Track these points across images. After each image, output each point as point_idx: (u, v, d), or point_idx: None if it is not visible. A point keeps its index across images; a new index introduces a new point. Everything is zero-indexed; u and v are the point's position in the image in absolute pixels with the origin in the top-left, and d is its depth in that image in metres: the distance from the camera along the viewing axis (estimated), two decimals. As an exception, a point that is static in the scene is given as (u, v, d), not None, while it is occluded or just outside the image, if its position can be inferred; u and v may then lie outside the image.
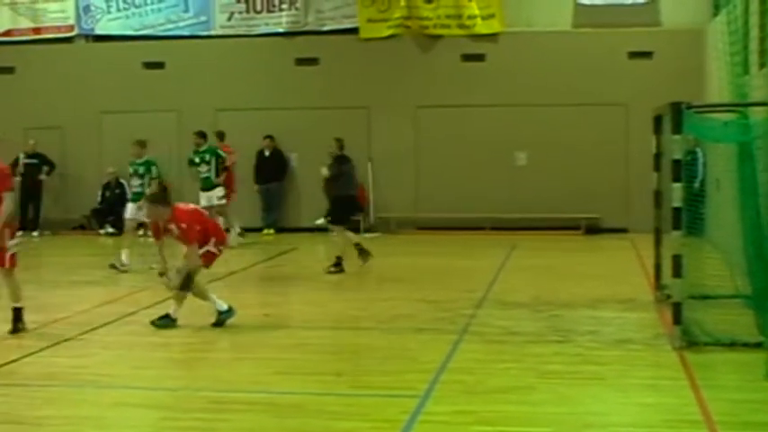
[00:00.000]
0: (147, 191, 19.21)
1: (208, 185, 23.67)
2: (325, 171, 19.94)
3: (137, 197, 20.43)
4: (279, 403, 9.44)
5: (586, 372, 10.57)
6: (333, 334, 13.19)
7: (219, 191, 23.66)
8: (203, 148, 23.85)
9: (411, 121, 26.89)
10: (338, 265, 19.26)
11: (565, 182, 25.86)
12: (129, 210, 20.11)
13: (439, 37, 27.02)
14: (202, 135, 23.89)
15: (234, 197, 24.81)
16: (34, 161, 27.51)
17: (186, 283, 13.38)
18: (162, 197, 13.69)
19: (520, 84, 26.36)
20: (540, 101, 26.17)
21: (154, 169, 20.87)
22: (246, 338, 12.87)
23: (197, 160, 23.83)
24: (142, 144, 21.30)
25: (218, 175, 23.65)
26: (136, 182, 20.91)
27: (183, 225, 13.17)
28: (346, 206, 20.30)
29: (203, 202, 22.74)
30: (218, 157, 23.85)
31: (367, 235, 25.72)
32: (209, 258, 13.55)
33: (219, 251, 13.72)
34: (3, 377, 10.69)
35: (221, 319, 13.39)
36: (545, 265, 20.19)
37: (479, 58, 26.83)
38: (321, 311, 14.93)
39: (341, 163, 20.07)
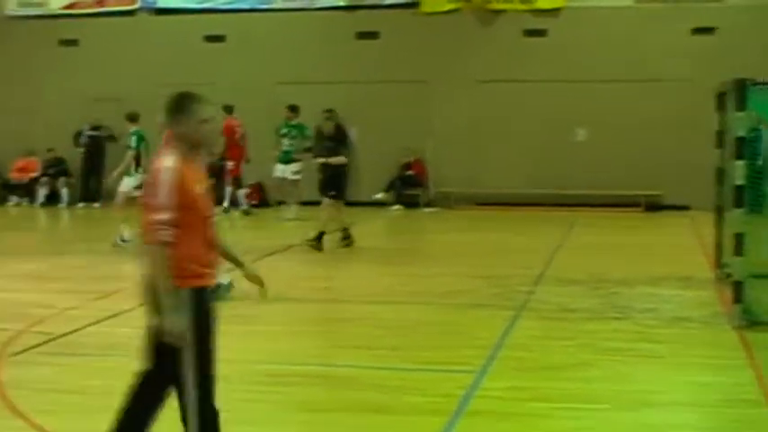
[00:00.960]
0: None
1: (287, 159, 24.52)
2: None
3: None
4: (336, 376, 9.48)
5: (644, 349, 10.51)
6: (390, 308, 13.19)
7: (296, 166, 24.38)
8: (293, 122, 24.51)
9: (470, 95, 26.79)
10: (347, 239, 19.22)
11: (625, 158, 25.67)
12: (125, 183, 19.71)
13: (500, 11, 26.90)
14: (293, 109, 24.52)
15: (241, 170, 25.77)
16: (97, 133, 27.72)
17: None
18: None
19: (581, 59, 26.19)
20: (601, 77, 25.98)
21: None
22: (304, 312, 12.93)
23: (284, 131, 24.59)
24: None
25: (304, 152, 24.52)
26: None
27: None
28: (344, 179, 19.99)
29: (278, 174, 24.29)
30: (303, 134, 24.61)
31: (426, 210, 25.75)
32: None
33: None
34: (65, 347, 10.81)
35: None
36: (604, 242, 20.11)
37: (541, 33, 26.68)
38: (379, 285, 14.95)
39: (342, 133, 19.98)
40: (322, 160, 18.98)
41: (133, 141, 19.17)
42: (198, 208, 6.14)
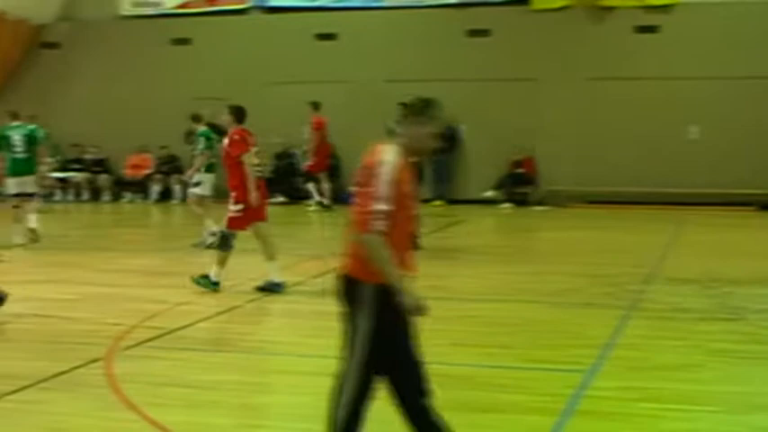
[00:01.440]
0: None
1: None
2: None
3: None
4: (447, 374, 9.45)
5: (758, 351, 10.34)
6: (500, 306, 13.14)
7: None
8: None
9: (581, 93, 26.58)
10: None
11: (739, 157, 25.26)
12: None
13: (612, 8, 26.65)
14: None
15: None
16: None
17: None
18: None
19: (694, 56, 25.84)
20: (714, 73, 25.60)
21: None
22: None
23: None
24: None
25: None
26: None
27: None
28: None
29: None
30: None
31: (537, 208, 25.62)
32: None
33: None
34: (176, 341, 10.95)
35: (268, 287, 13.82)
36: (716, 240, 19.83)
37: (653, 29, 26.36)
38: (489, 284, 14.90)
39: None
40: None
41: (201, 143, 19.43)
42: (407, 206, 6.31)
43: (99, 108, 28.55)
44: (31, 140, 19.31)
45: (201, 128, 19.65)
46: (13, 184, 19.28)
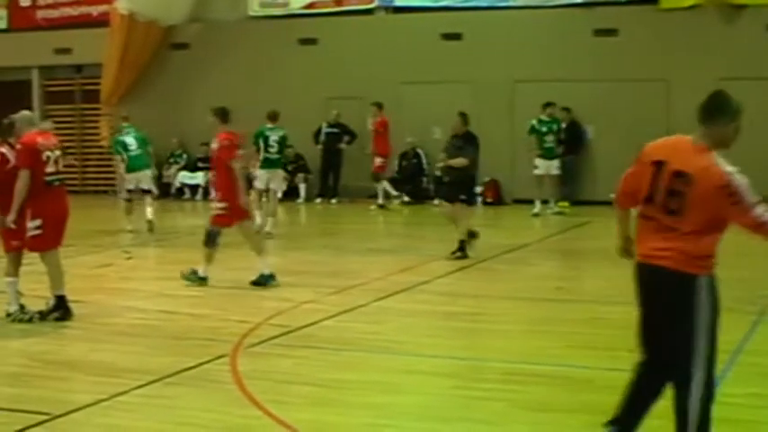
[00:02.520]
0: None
1: (550, 154, 25.05)
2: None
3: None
4: (570, 377, 9.39)
5: None
6: (626, 309, 12.90)
7: (558, 162, 25.08)
8: (551, 118, 25.23)
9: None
10: (462, 251, 17.14)
11: None
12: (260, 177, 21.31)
13: (743, 6, 26.15)
14: (551, 105, 25.29)
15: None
16: (335, 131, 28.23)
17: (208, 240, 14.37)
18: None
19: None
20: None
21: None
22: (538, 311, 12.85)
23: (544, 129, 25.06)
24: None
25: (558, 146, 25.34)
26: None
27: None
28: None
29: (541, 171, 24.93)
30: (559, 128, 25.39)
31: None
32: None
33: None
34: (300, 339, 11.03)
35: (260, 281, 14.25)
36: None
37: (786, 28, 25.84)
38: (615, 286, 14.66)
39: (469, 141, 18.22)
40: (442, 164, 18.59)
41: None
42: None
43: (229, 107, 28.82)
44: (143, 141, 21.65)
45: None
46: (129, 180, 21.51)
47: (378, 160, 26.72)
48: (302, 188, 28.75)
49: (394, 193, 27.42)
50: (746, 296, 13.42)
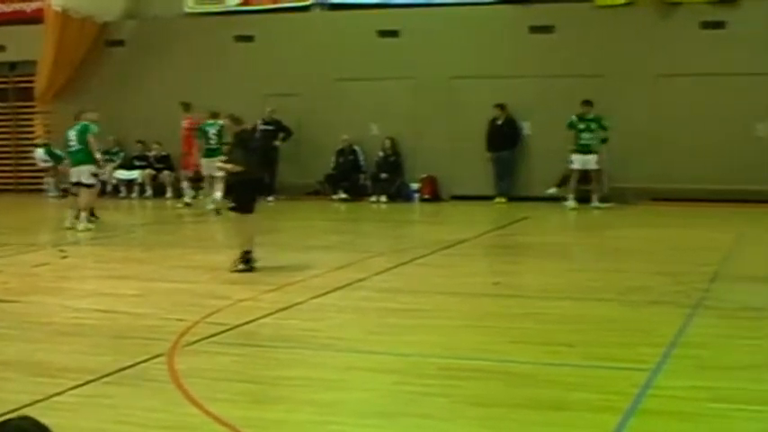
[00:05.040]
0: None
1: (586, 149, 25.48)
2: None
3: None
4: (510, 372, 9.43)
5: (831, 350, 10.22)
6: (564, 304, 13.06)
7: (595, 157, 25.46)
8: (590, 116, 25.54)
9: (647, 90, 26.34)
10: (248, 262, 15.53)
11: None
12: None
13: (677, 3, 26.38)
14: (589, 103, 25.54)
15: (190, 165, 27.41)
16: (270, 128, 28.10)
17: None
18: None
19: (761, 51, 25.49)
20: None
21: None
22: (477, 306, 12.90)
23: (582, 126, 25.57)
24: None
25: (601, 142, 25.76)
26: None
27: None
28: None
29: (577, 165, 25.44)
30: (601, 125, 25.53)
31: (601, 205, 25.45)
32: None
33: None
34: (239, 337, 11.00)
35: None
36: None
37: (719, 25, 26.05)
38: (552, 281, 14.81)
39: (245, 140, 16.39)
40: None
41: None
42: None
43: (163, 105, 28.66)
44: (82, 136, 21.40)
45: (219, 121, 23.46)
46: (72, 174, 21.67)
47: (189, 158, 27.29)
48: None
49: (190, 192, 27.51)
50: (681, 289, 13.56)
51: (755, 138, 25.67)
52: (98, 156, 21.53)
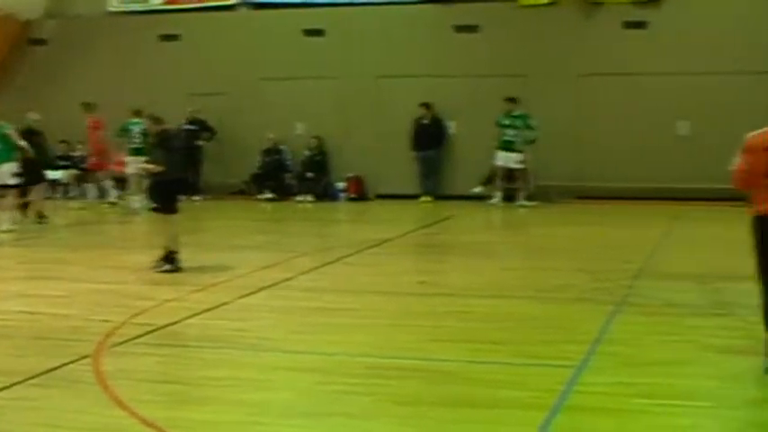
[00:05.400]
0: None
1: (510, 147, 25.85)
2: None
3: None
4: (434, 370, 9.46)
5: (748, 346, 10.31)
6: (489, 302, 13.13)
7: (519, 156, 25.69)
8: (516, 113, 25.77)
9: (571, 89, 26.58)
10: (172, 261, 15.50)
11: (729, 152, 25.07)
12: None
13: (600, 3, 26.62)
14: (513, 100, 25.86)
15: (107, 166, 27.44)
16: (193, 127, 27.90)
17: None
18: None
19: (683, 51, 25.82)
20: (703, 69, 25.59)
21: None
22: (402, 305, 12.92)
23: (506, 123, 25.85)
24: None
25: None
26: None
27: None
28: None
29: (500, 162, 25.74)
30: (527, 125, 25.76)
31: (526, 203, 25.63)
32: None
33: None
34: (165, 338, 10.94)
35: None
36: (708, 236, 19.84)
37: (641, 25, 26.35)
38: (478, 279, 14.89)
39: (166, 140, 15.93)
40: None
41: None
42: None
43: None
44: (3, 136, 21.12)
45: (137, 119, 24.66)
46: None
47: (93, 159, 27.37)
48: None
49: (114, 192, 27.36)
50: (606, 287, 13.70)
51: (677, 136, 25.99)
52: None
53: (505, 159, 25.57)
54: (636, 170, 25.94)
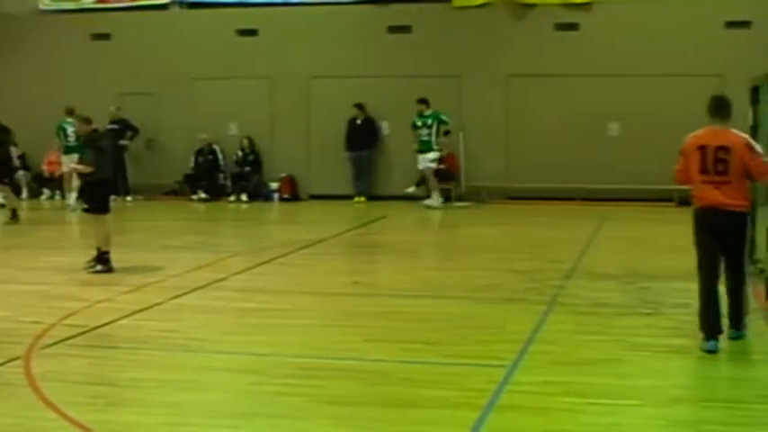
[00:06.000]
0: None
1: (426, 148, 25.66)
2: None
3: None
4: (368, 370, 9.48)
5: (675, 345, 10.45)
6: (422, 302, 13.17)
7: (433, 154, 25.55)
8: (427, 113, 25.64)
9: (503, 90, 26.70)
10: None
11: (658, 153, 25.36)
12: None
13: (532, 5, 26.77)
14: (424, 101, 25.75)
15: None
16: (116, 127, 27.47)
17: None
18: None
19: (613, 53, 26.00)
20: (633, 71, 25.76)
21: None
22: (335, 305, 12.93)
23: (419, 123, 25.72)
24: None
25: (437, 138, 25.78)
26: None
27: None
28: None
29: (419, 165, 25.60)
30: (439, 122, 25.62)
31: (457, 204, 25.73)
32: None
33: None
34: (96, 339, 10.87)
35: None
36: (636, 236, 20.01)
37: (572, 27, 26.52)
38: (411, 280, 14.93)
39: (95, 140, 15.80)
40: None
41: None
42: None
43: (19, 104, 28.09)
44: None
45: (69, 119, 24.41)
46: None
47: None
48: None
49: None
50: (536, 287, 13.80)
51: (609, 137, 26.18)
52: None
53: (421, 160, 25.62)
54: (566, 171, 26.08)
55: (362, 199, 26.82)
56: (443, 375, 9.31)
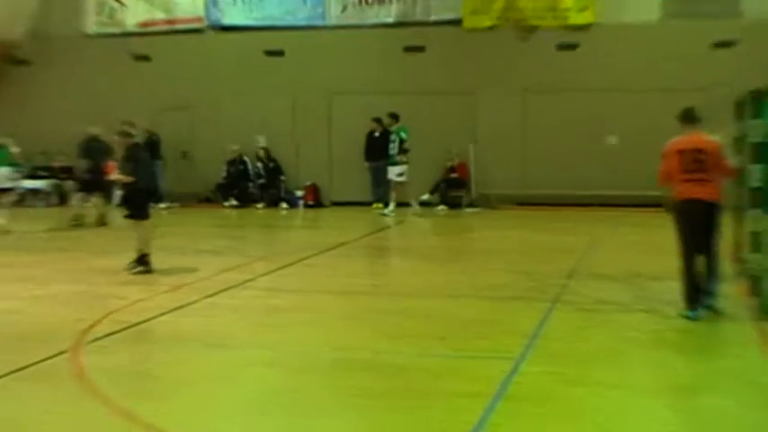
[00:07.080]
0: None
1: (391, 162, 25.39)
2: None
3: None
4: (386, 363, 9.45)
5: (672, 339, 10.44)
6: (436, 302, 13.13)
7: (399, 168, 25.19)
8: (393, 127, 25.43)
9: (510, 104, 26.72)
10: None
11: (650, 162, 25.25)
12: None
13: (535, 28, 26.79)
14: (394, 116, 25.47)
15: None
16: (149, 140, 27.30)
17: None
18: None
19: (609, 71, 26.01)
20: (626, 87, 25.81)
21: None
22: (356, 304, 12.89)
23: (390, 138, 25.47)
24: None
25: (399, 153, 25.28)
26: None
27: None
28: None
29: (390, 176, 25.29)
30: (400, 140, 25.32)
31: (469, 210, 25.70)
32: None
33: None
34: (137, 335, 10.88)
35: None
36: (635, 239, 19.96)
37: (573, 47, 26.52)
38: (425, 281, 14.89)
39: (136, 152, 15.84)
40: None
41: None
42: None
43: (66, 119, 28.09)
44: None
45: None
46: None
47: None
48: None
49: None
50: (541, 286, 13.74)
51: (606, 147, 26.14)
52: None
53: (390, 173, 25.52)
54: (570, 179, 26.06)
55: (380, 206, 26.77)
56: (456, 368, 9.28)
